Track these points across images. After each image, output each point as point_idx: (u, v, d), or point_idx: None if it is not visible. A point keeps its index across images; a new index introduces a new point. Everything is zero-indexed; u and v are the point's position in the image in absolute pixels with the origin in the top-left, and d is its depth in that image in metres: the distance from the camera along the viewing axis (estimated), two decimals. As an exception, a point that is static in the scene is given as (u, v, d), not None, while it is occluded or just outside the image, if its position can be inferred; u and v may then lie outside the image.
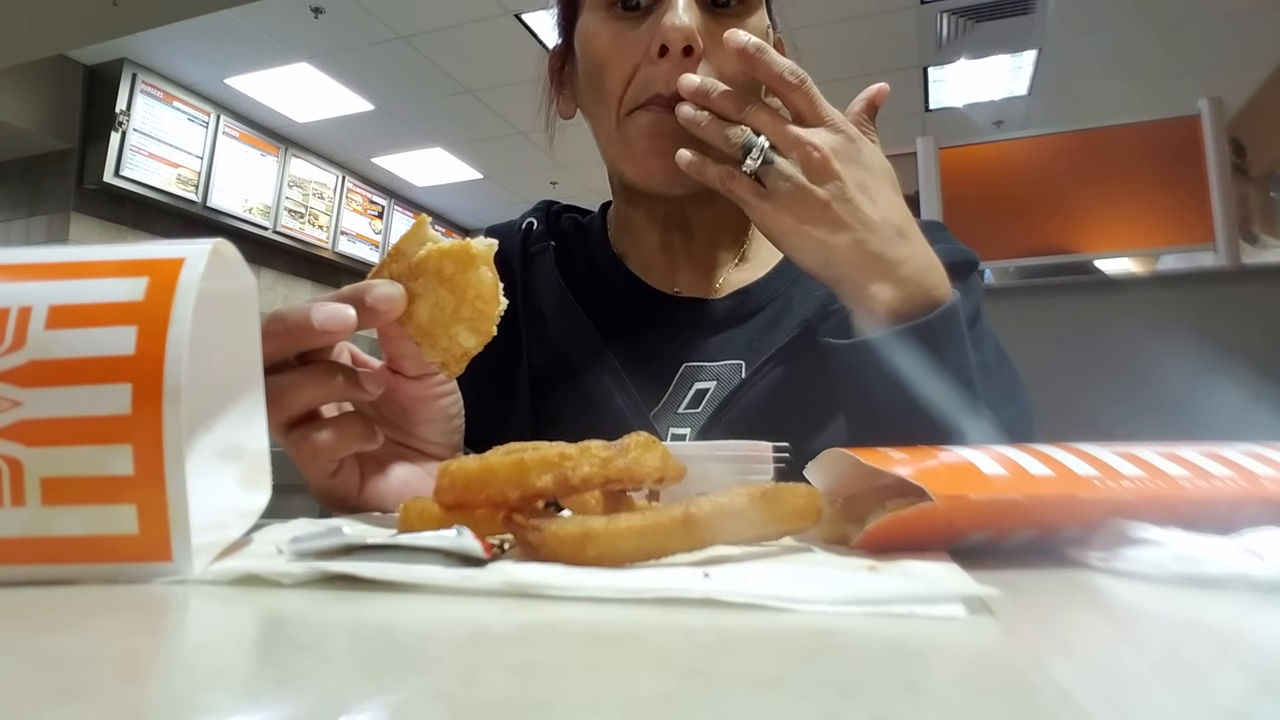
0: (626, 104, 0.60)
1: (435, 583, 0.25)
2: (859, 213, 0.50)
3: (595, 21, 0.62)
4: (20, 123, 3.92)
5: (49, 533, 0.26)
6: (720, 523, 0.28)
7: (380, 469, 0.48)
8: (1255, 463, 0.32)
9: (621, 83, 0.60)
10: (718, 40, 0.58)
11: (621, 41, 0.60)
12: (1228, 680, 0.18)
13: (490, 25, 3.80)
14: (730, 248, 0.71)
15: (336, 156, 5.35)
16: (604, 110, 0.62)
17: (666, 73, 0.57)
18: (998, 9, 3.67)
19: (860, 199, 0.50)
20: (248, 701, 0.16)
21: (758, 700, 0.15)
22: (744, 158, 0.52)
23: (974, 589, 0.23)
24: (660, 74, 0.58)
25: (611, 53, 0.60)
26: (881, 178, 0.52)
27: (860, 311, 0.52)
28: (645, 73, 0.59)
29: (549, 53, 0.72)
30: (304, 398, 0.41)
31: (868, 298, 0.51)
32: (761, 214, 0.53)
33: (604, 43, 0.61)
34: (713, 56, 0.58)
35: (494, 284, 0.42)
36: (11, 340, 0.26)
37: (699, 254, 0.70)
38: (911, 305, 0.50)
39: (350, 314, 0.40)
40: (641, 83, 0.59)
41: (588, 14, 0.63)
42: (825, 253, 0.51)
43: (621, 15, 0.61)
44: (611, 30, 0.61)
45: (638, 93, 0.59)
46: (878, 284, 0.50)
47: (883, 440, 0.37)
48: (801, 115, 0.52)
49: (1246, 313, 1.41)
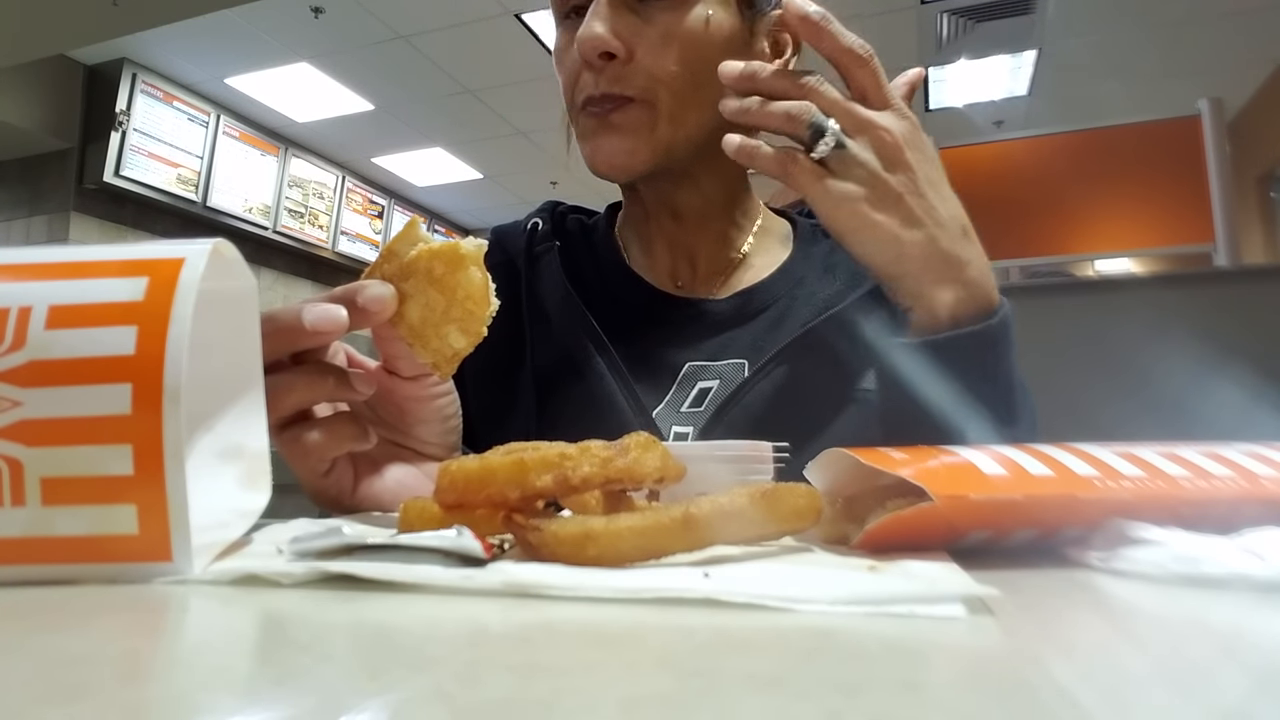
0: (576, 106, 0.64)
1: (435, 583, 0.25)
2: (931, 208, 0.49)
3: (558, 33, 0.66)
4: (20, 123, 3.92)
5: (49, 533, 0.26)
6: (720, 523, 0.28)
7: (376, 469, 0.48)
8: (1255, 463, 0.32)
9: (569, 88, 0.64)
10: (647, 37, 0.60)
11: (565, 51, 0.64)
12: (1228, 680, 0.18)
13: (490, 25, 3.80)
14: (731, 243, 0.71)
15: (336, 156, 5.34)
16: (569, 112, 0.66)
17: (594, 78, 0.60)
18: (998, 9, 3.67)
19: (930, 193, 0.49)
20: (248, 701, 0.16)
21: (758, 700, 0.15)
22: (812, 141, 0.48)
23: (974, 589, 0.23)
24: (589, 80, 0.61)
25: (560, 64, 0.65)
26: (942, 171, 0.51)
27: (919, 312, 0.50)
28: (582, 78, 0.62)
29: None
30: (294, 398, 0.41)
31: (931, 299, 0.49)
32: (831, 204, 0.49)
33: (556, 52, 0.65)
34: (641, 54, 0.60)
35: (484, 285, 0.42)
36: (11, 340, 0.26)
37: (696, 245, 0.70)
38: (973, 308, 0.49)
39: (342, 314, 0.40)
40: (580, 87, 0.62)
41: (556, 26, 0.66)
42: (897, 249, 0.49)
43: (571, 24, 0.63)
44: (563, 42, 0.64)
45: (577, 97, 0.63)
46: (943, 285, 0.49)
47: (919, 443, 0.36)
48: (866, 95, 0.49)
49: (1246, 313, 1.41)
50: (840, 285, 0.67)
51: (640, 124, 0.61)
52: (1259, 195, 4.53)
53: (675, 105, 0.61)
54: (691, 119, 0.62)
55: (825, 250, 0.71)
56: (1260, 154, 4.40)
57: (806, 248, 0.72)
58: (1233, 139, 2.49)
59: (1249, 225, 4.44)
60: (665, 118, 0.61)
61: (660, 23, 0.60)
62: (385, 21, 3.78)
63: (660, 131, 0.61)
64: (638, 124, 0.61)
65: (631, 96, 0.60)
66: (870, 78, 0.49)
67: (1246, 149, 4.36)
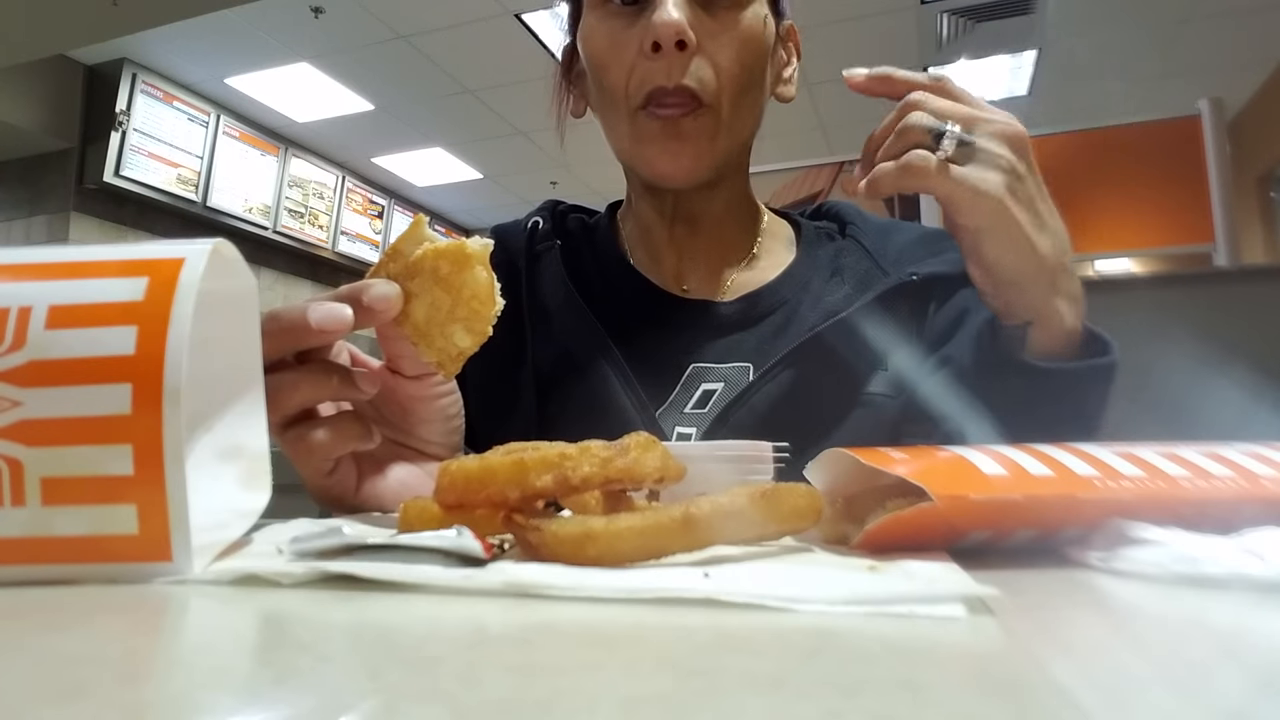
0: (630, 100, 0.61)
1: (435, 583, 0.25)
2: (1053, 212, 0.47)
3: (594, 20, 0.63)
4: (20, 123, 3.92)
5: (49, 533, 0.26)
6: (720, 523, 0.28)
7: (379, 469, 0.48)
8: (1255, 463, 0.32)
9: (623, 80, 0.61)
10: (712, 32, 0.59)
11: (618, 39, 0.61)
12: (1228, 680, 0.18)
13: (490, 25, 3.80)
14: (737, 246, 0.71)
15: (336, 156, 5.34)
16: (611, 108, 0.63)
17: (665, 67, 0.58)
18: (998, 9, 3.67)
19: (1047, 200, 0.48)
20: (248, 701, 0.16)
21: (758, 700, 0.15)
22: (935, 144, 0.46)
23: (974, 589, 0.23)
24: (658, 69, 0.59)
25: (609, 51, 0.61)
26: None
27: (1042, 329, 0.48)
28: (642, 68, 0.60)
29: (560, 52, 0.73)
30: (299, 396, 0.41)
31: (1051, 312, 0.48)
32: (970, 196, 0.46)
33: (602, 41, 0.62)
34: (706, 48, 0.59)
35: (489, 284, 0.42)
36: (11, 340, 0.26)
37: (706, 250, 0.70)
38: (1079, 326, 0.48)
39: (347, 313, 0.40)
40: (641, 77, 0.60)
41: (588, 12, 0.64)
42: (1031, 253, 0.46)
43: (618, 11, 0.61)
44: (609, 28, 0.62)
45: (638, 88, 0.60)
46: (1060, 299, 0.48)
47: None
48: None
49: (1246, 313, 1.41)
50: (848, 289, 0.67)
51: (705, 133, 0.61)
52: (1259, 195, 4.53)
53: (733, 114, 0.61)
54: (742, 127, 0.63)
55: (831, 254, 0.71)
56: (1260, 154, 4.40)
57: (812, 251, 0.72)
58: (1233, 139, 2.49)
59: (1249, 225, 4.43)
60: (725, 127, 0.61)
61: (724, 19, 0.60)
62: (385, 21, 3.78)
63: (720, 141, 0.62)
64: (702, 133, 0.61)
65: (702, 100, 0.59)
66: (959, 93, 0.48)
67: (1246, 149, 4.36)
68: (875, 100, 0.54)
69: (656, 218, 0.70)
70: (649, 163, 0.63)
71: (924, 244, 0.69)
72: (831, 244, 0.73)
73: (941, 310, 0.65)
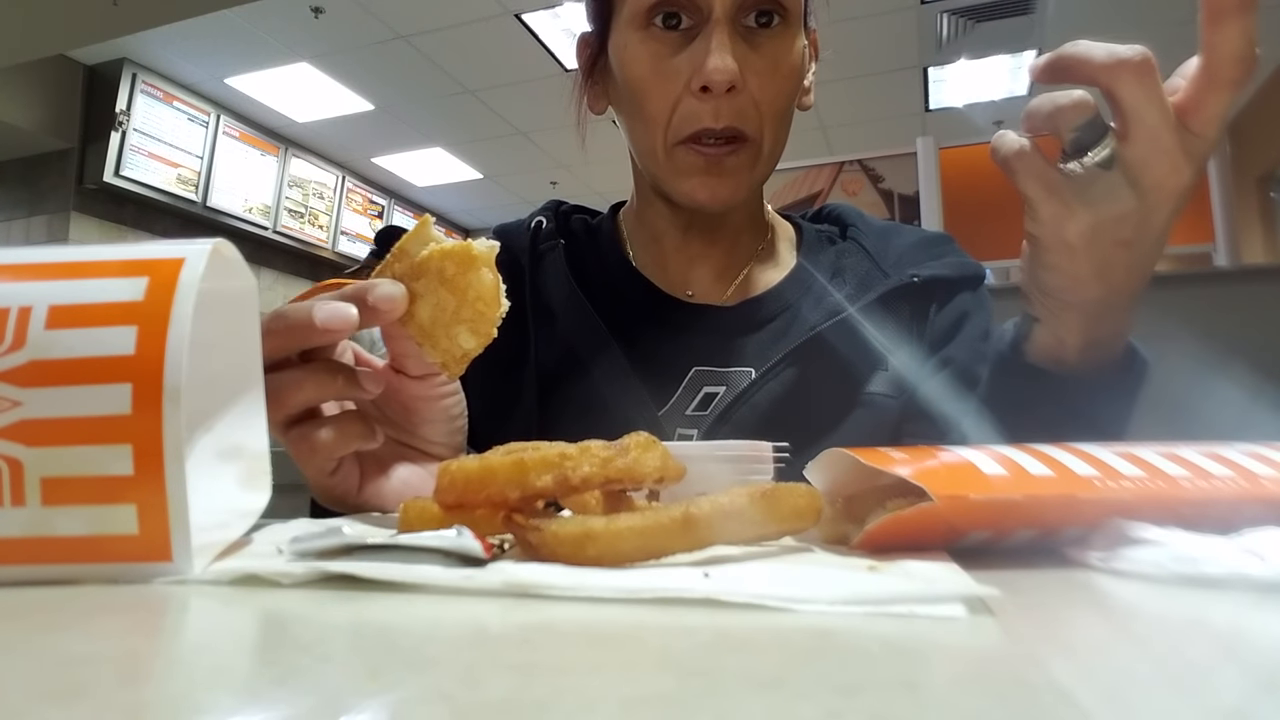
0: (672, 134, 0.61)
1: (435, 583, 0.25)
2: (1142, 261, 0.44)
3: (635, 41, 0.61)
4: (20, 123, 3.92)
5: (49, 533, 0.26)
6: (720, 523, 0.28)
7: (381, 468, 0.48)
8: (1255, 463, 0.32)
9: (665, 111, 0.60)
10: (757, 70, 0.59)
11: (663, 69, 0.60)
12: (1228, 680, 0.18)
13: (490, 25, 3.80)
14: (746, 251, 0.71)
15: (336, 156, 5.35)
16: (645, 131, 0.63)
17: (713, 110, 0.58)
18: (998, 9, 3.67)
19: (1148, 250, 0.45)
20: (248, 701, 0.16)
21: (758, 700, 0.15)
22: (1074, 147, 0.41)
23: (974, 589, 0.23)
24: (706, 110, 0.58)
25: (653, 80, 0.61)
26: None
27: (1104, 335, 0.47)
28: (688, 105, 0.59)
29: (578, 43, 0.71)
30: (303, 395, 0.41)
31: (1123, 323, 0.46)
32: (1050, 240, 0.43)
33: (645, 67, 0.61)
34: (751, 84, 0.59)
35: (495, 286, 0.42)
36: (11, 340, 0.26)
37: (715, 257, 0.70)
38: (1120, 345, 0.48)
39: (352, 313, 0.40)
40: (685, 114, 0.60)
41: (627, 29, 0.62)
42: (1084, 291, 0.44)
43: (660, 36, 0.60)
44: (651, 53, 0.60)
45: (682, 124, 0.60)
46: (1127, 313, 0.46)
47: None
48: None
49: (1246, 313, 1.41)
50: (849, 290, 0.67)
51: (745, 166, 0.61)
52: (1259, 195, 4.53)
53: (772, 143, 0.61)
54: (778, 151, 0.63)
55: (832, 257, 0.71)
56: (1260, 154, 4.40)
57: (814, 254, 0.72)
58: (1233, 139, 2.48)
59: (1249, 225, 4.43)
60: (764, 157, 0.62)
61: (768, 53, 0.59)
62: (385, 21, 3.79)
63: (758, 170, 0.62)
64: (743, 166, 0.61)
65: (746, 136, 0.60)
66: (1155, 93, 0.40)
67: (1246, 149, 4.36)
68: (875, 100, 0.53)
69: (670, 227, 0.70)
70: (687, 194, 0.62)
71: (925, 247, 0.69)
72: (832, 247, 0.73)
73: (942, 313, 0.66)
